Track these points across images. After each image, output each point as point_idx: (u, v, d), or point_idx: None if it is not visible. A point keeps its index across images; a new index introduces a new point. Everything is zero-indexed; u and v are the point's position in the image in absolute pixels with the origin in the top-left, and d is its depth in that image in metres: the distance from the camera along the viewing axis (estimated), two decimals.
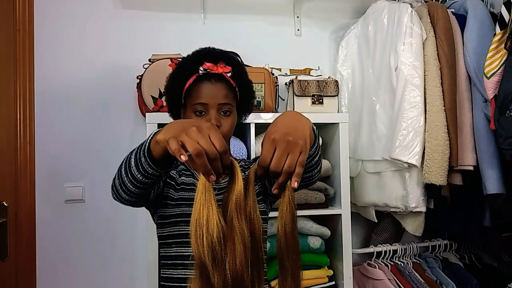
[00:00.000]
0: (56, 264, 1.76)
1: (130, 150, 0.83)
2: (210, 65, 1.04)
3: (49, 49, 1.80)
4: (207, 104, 1.02)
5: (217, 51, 1.09)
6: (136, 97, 1.75)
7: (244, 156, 1.58)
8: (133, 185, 0.81)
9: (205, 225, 0.67)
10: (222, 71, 1.04)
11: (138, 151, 0.78)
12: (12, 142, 1.72)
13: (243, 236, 0.70)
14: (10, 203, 1.70)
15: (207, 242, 0.66)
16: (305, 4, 2.05)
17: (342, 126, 1.66)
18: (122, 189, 0.83)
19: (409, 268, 1.77)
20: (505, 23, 1.37)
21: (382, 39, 1.76)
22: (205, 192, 0.68)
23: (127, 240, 1.83)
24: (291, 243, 0.72)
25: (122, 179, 0.81)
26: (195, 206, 0.68)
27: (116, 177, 0.84)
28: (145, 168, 0.77)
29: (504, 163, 1.48)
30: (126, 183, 0.81)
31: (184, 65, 1.09)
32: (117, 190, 0.84)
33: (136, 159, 0.78)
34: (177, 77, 1.08)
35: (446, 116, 1.56)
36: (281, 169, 0.67)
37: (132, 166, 0.79)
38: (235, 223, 0.70)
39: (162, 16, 1.91)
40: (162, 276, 1.05)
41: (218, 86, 1.03)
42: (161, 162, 0.76)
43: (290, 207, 0.72)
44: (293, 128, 0.70)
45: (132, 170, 0.79)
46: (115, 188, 0.85)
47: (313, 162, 0.86)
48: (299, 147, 0.68)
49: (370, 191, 1.76)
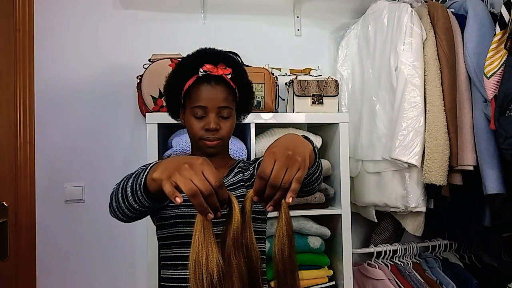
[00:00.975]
0: (56, 264, 1.76)
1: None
2: (210, 67, 1.03)
3: (49, 49, 1.80)
4: (207, 107, 1.02)
5: (217, 52, 1.08)
6: (136, 97, 1.75)
7: (244, 156, 1.58)
8: (130, 211, 0.84)
9: (205, 265, 0.66)
10: (222, 73, 1.04)
11: (135, 182, 0.79)
12: (12, 142, 1.72)
13: (240, 273, 0.70)
14: (10, 203, 1.70)
15: (207, 282, 0.66)
16: (305, 4, 2.05)
17: (342, 126, 1.66)
18: (120, 212, 0.86)
19: (409, 268, 1.77)
20: (505, 23, 1.37)
21: (382, 39, 1.76)
22: (204, 231, 0.67)
23: (127, 240, 1.83)
24: (289, 267, 0.72)
25: (119, 204, 0.84)
26: (194, 244, 0.67)
27: (114, 200, 0.86)
28: (141, 201, 0.79)
29: (504, 163, 1.48)
30: (124, 209, 0.84)
31: (184, 65, 1.08)
32: (115, 212, 0.87)
33: (133, 190, 0.80)
34: (176, 77, 1.08)
35: (446, 116, 1.56)
36: (279, 182, 0.66)
37: (128, 196, 0.81)
38: (233, 259, 0.69)
39: (162, 16, 1.91)
40: (162, 276, 1.05)
41: (218, 89, 1.03)
42: (157, 197, 0.77)
43: (287, 227, 0.71)
44: (293, 146, 0.71)
45: (129, 200, 0.81)
46: (113, 210, 0.88)
47: (313, 178, 0.88)
48: (298, 164, 0.68)
49: (370, 191, 1.76)
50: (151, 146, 1.47)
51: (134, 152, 1.83)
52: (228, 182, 1.06)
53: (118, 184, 0.87)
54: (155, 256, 1.44)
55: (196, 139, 1.04)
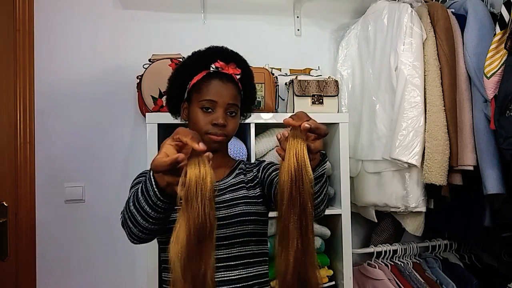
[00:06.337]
0: (56, 264, 1.76)
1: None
2: (222, 64, 1.04)
3: (49, 49, 1.80)
4: (216, 102, 1.02)
5: (230, 52, 1.10)
6: (136, 97, 1.75)
7: (244, 156, 1.58)
8: (146, 221, 0.80)
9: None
10: (232, 72, 1.06)
11: (144, 188, 0.77)
12: (12, 142, 1.72)
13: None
14: (10, 203, 1.70)
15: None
16: (305, 4, 2.05)
17: (342, 126, 1.66)
18: (136, 228, 0.83)
19: (409, 268, 1.77)
20: (505, 23, 1.37)
21: (382, 39, 1.75)
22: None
23: (127, 240, 1.81)
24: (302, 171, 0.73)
25: (134, 217, 0.81)
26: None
27: (127, 217, 0.84)
28: (154, 202, 0.76)
29: (504, 163, 1.48)
30: (139, 221, 0.81)
31: (194, 59, 1.09)
32: (131, 230, 0.84)
33: (146, 196, 0.77)
34: (186, 70, 1.08)
35: (446, 116, 1.56)
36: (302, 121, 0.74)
37: (141, 202, 0.78)
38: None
39: (162, 16, 1.91)
40: (164, 279, 1.05)
41: (228, 86, 1.04)
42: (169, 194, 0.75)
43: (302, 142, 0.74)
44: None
45: (142, 205, 0.78)
46: (129, 229, 0.84)
47: (316, 201, 0.86)
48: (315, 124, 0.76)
49: (370, 191, 1.76)
50: (151, 146, 1.47)
51: (134, 152, 1.83)
52: (229, 182, 1.06)
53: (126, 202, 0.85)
54: (155, 256, 1.44)
55: (201, 133, 1.02)
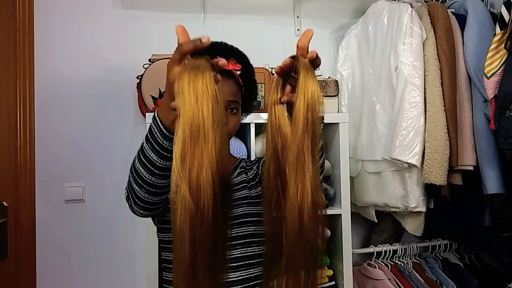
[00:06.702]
0: (56, 264, 1.76)
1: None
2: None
3: (49, 49, 1.80)
4: None
5: (230, 47, 1.09)
6: (136, 97, 1.75)
7: (244, 156, 1.58)
8: (152, 174, 0.79)
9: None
10: (232, 68, 1.04)
11: (149, 132, 0.78)
12: (12, 142, 1.72)
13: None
14: (10, 203, 1.70)
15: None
16: (305, 4, 2.05)
17: (342, 126, 1.66)
18: (142, 188, 0.80)
19: (409, 268, 1.77)
20: (505, 23, 1.37)
21: (382, 39, 1.75)
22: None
23: (127, 240, 1.83)
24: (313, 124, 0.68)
25: (140, 174, 0.80)
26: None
27: (132, 180, 0.82)
28: (161, 143, 0.76)
29: (504, 163, 1.47)
30: (145, 176, 0.79)
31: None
32: (136, 194, 0.82)
33: (150, 139, 0.77)
34: None
35: (446, 116, 1.55)
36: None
37: (147, 151, 0.78)
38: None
39: (162, 16, 1.91)
40: (164, 278, 1.05)
41: (229, 83, 1.02)
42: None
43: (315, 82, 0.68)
44: None
45: (148, 155, 0.78)
46: (134, 193, 0.82)
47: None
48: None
49: (370, 191, 1.76)
50: None
51: (134, 152, 1.80)
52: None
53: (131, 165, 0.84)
54: (155, 256, 1.44)
55: None
